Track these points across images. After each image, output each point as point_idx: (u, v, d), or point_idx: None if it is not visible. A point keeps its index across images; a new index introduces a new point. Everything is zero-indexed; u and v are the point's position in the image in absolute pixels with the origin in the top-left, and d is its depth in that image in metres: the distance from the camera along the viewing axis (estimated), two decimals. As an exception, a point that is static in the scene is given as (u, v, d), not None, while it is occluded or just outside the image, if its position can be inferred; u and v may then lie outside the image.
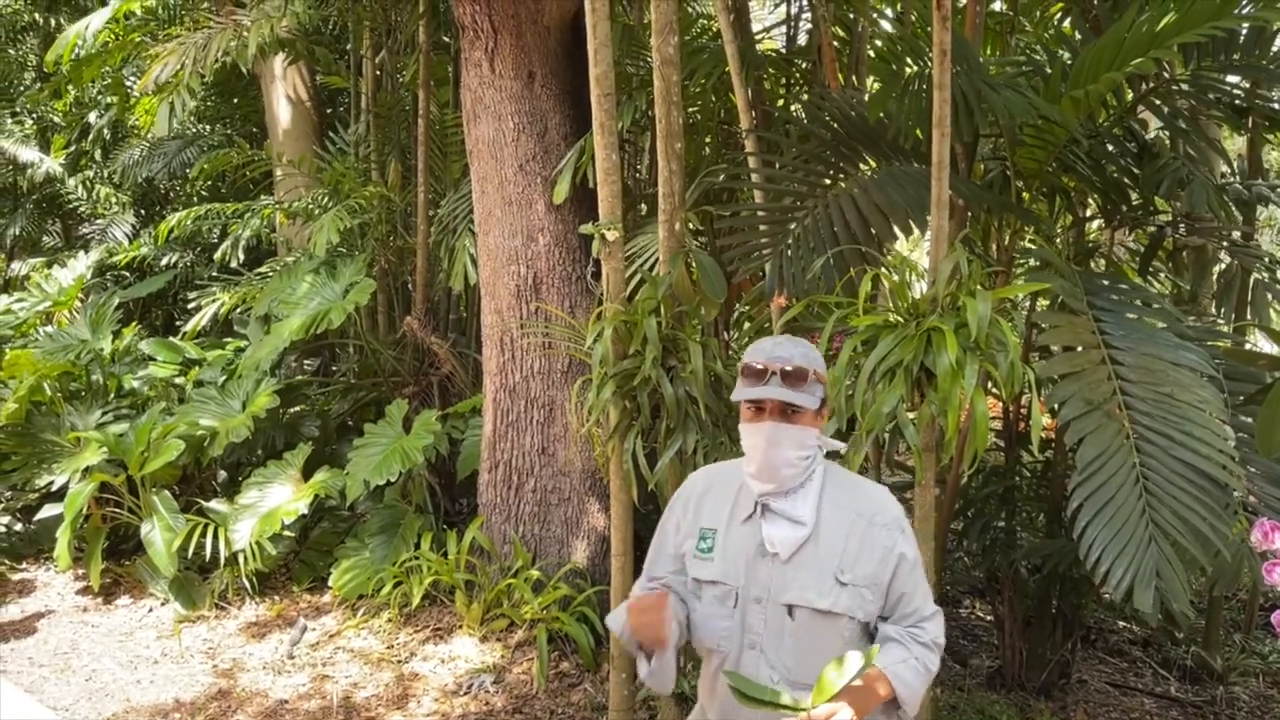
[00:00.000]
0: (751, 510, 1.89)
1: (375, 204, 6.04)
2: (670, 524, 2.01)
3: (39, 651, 4.52)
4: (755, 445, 1.86)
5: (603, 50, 3.03)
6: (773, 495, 1.87)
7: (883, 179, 3.39)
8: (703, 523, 1.94)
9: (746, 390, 1.86)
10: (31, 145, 9.72)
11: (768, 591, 1.85)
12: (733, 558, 1.88)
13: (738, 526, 1.90)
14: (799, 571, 1.85)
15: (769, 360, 1.86)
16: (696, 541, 1.92)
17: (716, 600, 1.88)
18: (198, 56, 5.67)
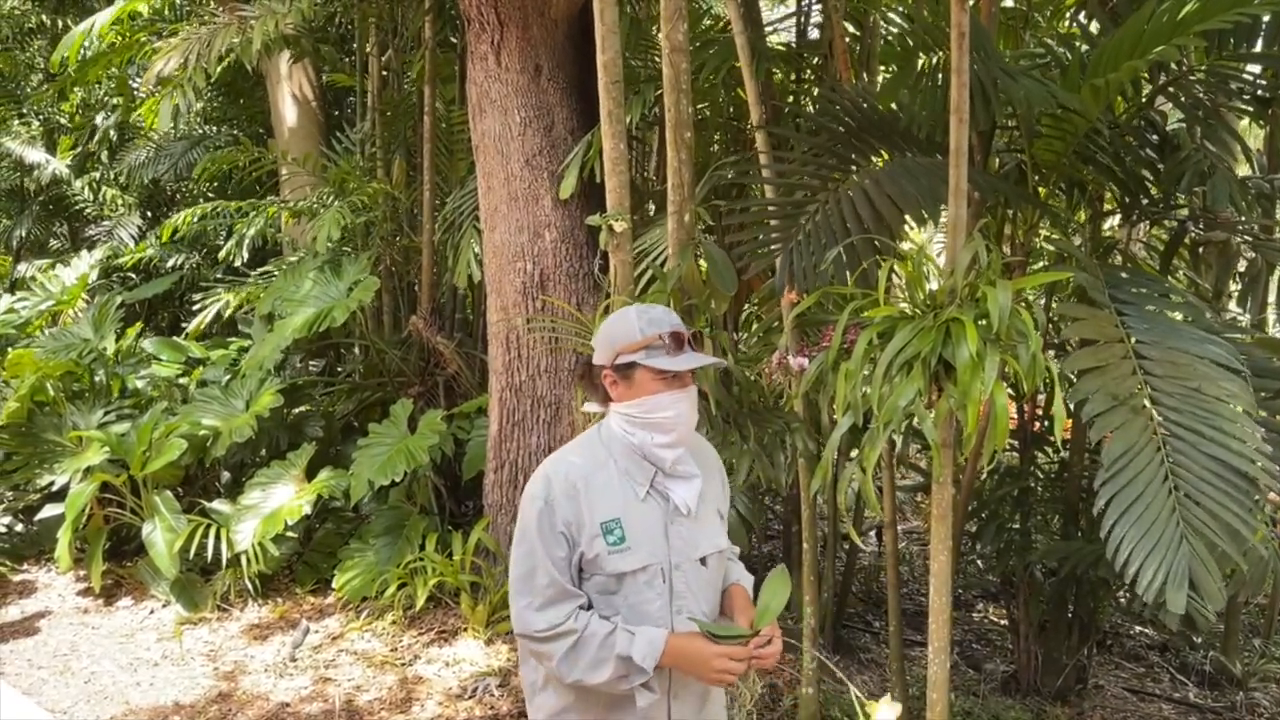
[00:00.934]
0: (649, 485, 1.87)
1: (380, 202, 5.98)
2: (548, 536, 1.80)
3: (38, 653, 4.46)
4: (680, 413, 1.86)
5: (610, 36, 2.96)
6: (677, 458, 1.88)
7: (895, 170, 3.31)
8: (599, 518, 1.82)
9: (682, 360, 1.84)
10: (38, 147, 9.71)
11: (684, 554, 1.88)
12: (648, 537, 1.84)
13: (637, 506, 1.85)
14: (702, 522, 1.91)
15: (676, 327, 1.87)
16: (604, 538, 1.81)
17: (645, 585, 1.84)
18: (201, 52, 5.62)
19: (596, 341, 1.94)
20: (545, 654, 1.81)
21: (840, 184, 3.43)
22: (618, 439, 1.90)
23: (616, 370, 1.87)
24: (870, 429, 2.57)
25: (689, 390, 1.88)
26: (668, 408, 1.84)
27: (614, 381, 1.89)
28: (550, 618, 1.78)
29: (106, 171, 9.61)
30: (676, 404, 1.85)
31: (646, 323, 1.86)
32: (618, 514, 1.82)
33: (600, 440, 1.92)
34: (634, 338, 1.85)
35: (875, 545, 6.58)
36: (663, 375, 1.84)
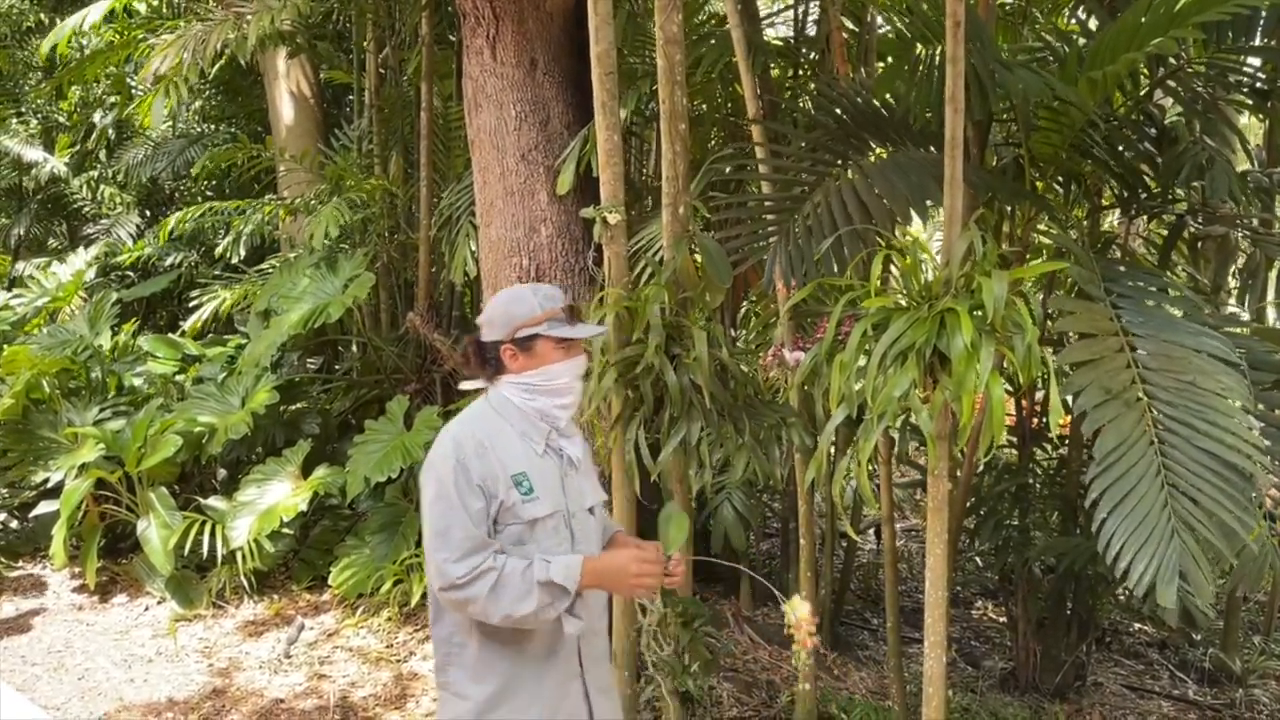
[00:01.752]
0: (545, 443, 2.06)
1: (377, 198, 5.97)
2: (464, 490, 1.91)
3: (32, 650, 4.45)
4: (577, 377, 2.09)
5: (604, 27, 2.95)
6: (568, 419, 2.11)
7: (886, 166, 3.30)
8: (510, 471, 1.97)
9: (579, 330, 2.07)
10: (37, 145, 9.70)
11: (578, 503, 2.09)
12: (551, 487, 2.03)
13: (538, 461, 2.03)
14: (587, 475, 2.16)
15: (568, 299, 2.09)
16: (515, 489, 1.97)
17: (552, 531, 2.01)
18: (197, 49, 5.60)
19: (489, 320, 2.09)
20: (469, 598, 1.87)
21: (834, 179, 3.41)
22: (511, 406, 2.06)
23: (517, 344, 2.03)
24: (865, 421, 2.56)
25: (581, 358, 2.10)
26: (566, 373, 2.05)
27: (514, 355, 2.04)
28: (472, 564, 1.87)
29: (105, 170, 9.60)
30: (573, 369, 2.07)
31: (544, 298, 2.05)
32: (524, 468, 1.99)
33: (492, 409, 2.06)
34: (535, 313, 2.03)
35: (874, 543, 6.57)
36: (562, 344, 2.04)
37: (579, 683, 2.05)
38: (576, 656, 2.04)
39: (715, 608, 4.91)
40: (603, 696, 2.10)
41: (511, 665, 1.98)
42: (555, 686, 2.01)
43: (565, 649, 2.01)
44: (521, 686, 1.98)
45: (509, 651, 1.98)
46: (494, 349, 2.06)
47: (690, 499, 3.25)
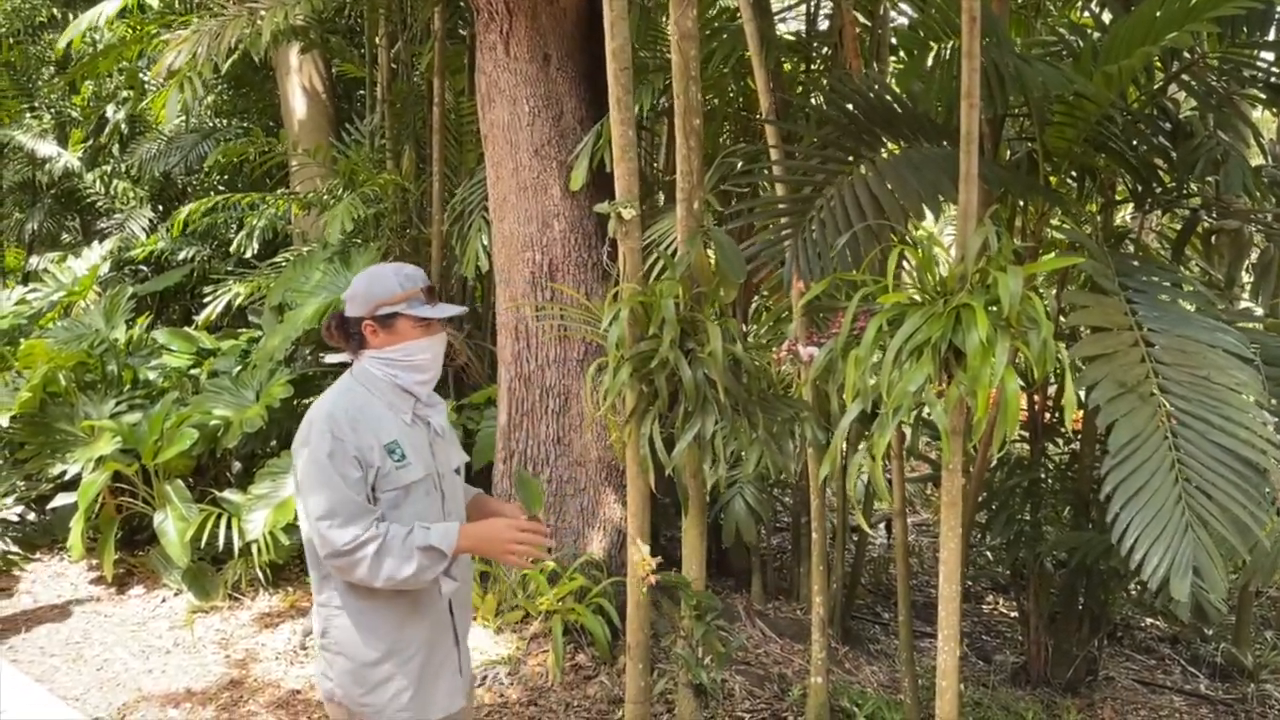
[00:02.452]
0: (411, 413, 2.20)
1: (390, 193, 5.99)
2: (341, 462, 2.04)
3: (50, 641, 4.49)
4: (436, 354, 2.22)
5: (619, 23, 2.96)
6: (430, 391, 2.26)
7: (899, 163, 3.30)
8: (383, 441, 2.11)
9: (438, 309, 2.18)
10: (50, 140, 9.74)
11: (446, 465, 2.26)
12: (420, 453, 2.17)
13: (407, 429, 2.17)
14: (450, 440, 2.32)
15: (429, 282, 2.21)
16: (390, 457, 2.11)
17: (424, 494, 2.17)
18: (211, 44, 5.63)
19: (352, 296, 2.20)
20: (355, 563, 2.01)
21: (848, 175, 3.42)
22: (377, 379, 2.18)
23: (377, 320, 2.16)
24: (880, 416, 2.57)
25: (440, 335, 2.23)
26: (425, 350, 2.19)
27: (374, 331, 2.17)
28: (353, 531, 2.00)
29: (117, 164, 9.63)
30: (432, 347, 2.20)
31: (404, 279, 2.17)
32: (395, 437, 2.13)
33: (358, 383, 2.19)
34: (394, 292, 2.15)
35: (884, 537, 6.58)
36: (421, 323, 2.16)
37: (451, 632, 2.24)
38: (449, 609, 2.22)
39: (726, 601, 4.93)
40: (466, 641, 2.32)
41: (391, 624, 2.13)
42: (431, 639, 2.18)
43: (440, 604, 2.19)
44: (401, 643, 2.14)
45: (388, 611, 2.12)
46: (356, 324, 2.18)
47: (704, 493, 3.27)
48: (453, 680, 2.24)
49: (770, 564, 5.53)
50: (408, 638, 2.15)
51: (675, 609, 3.52)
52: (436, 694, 2.20)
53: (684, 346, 3.08)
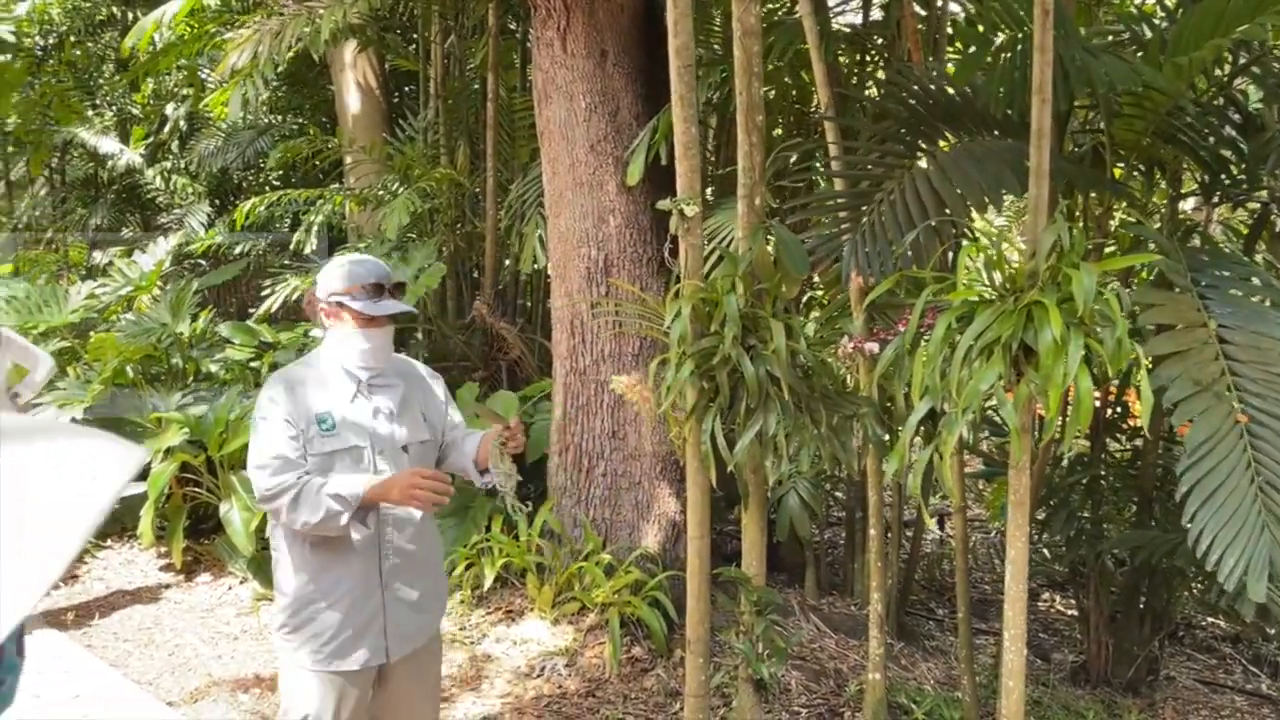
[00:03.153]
0: (354, 393, 2.41)
1: (444, 188, 6.05)
2: (277, 421, 2.31)
3: (123, 626, 4.63)
4: (375, 347, 2.41)
5: (683, 21, 2.96)
6: (375, 376, 2.45)
7: (960, 156, 3.27)
8: (314, 410, 2.35)
9: (380, 305, 2.37)
10: (111, 137, 9.97)
11: (388, 442, 2.42)
12: (354, 427, 2.38)
13: (347, 405, 2.39)
14: (404, 420, 2.47)
15: (378, 279, 2.39)
16: (317, 425, 2.34)
17: (353, 464, 2.36)
18: (272, 44, 5.74)
19: (318, 279, 2.44)
20: (277, 508, 2.27)
21: (906, 170, 3.40)
22: (329, 356, 2.44)
23: (329, 305, 2.39)
24: (948, 414, 2.56)
25: (383, 329, 2.41)
26: (365, 342, 2.39)
27: (328, 313, 2.41)
28: (279, 480, 2.25)
29: (177, 161, 9.84)
30: (371, 339, 2.40)
31: (352, 274, 2.38)
32: (329, 408, 2.36)
33: (321, 355, 2.46)
34: (343, 284, 2.37)
35: (936, 533, 6.53)
36: (362, 316, 2.36)
37: (379, 593, 2.40)
38: (377, 570, 2.40)
39: (781, 596, 4.94)
40: (405, 607, 2.44)
41: (317, 570, 2.37)
42: (355, 591, 2.37)
43: (364, 562, 2.38)
44: (325, 587, 2.36)
45: (316, 558, 2.36)
46: (315, 304, 2.44)
47: (765, 489, 3.28)
48: (376, 640, 2.41)
49: (823, 559, 5.52)
50: (329, 588, 2.37)
51: (730, 603, 3.53)
52: (354, 648, 2.38)
53: (746, 343, 3.09)
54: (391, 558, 2.42)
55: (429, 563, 2.56)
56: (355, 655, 2.38)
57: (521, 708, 3.83)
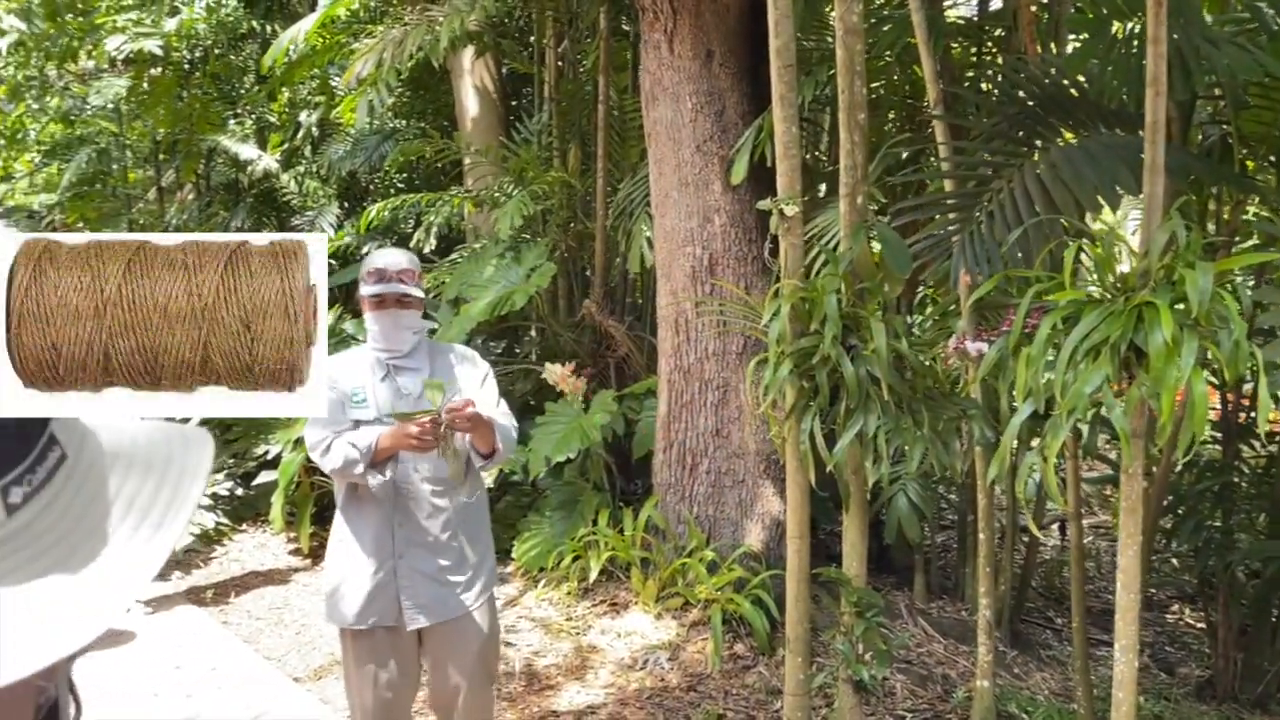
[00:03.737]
0: (384, 373, 2.68)
1: (557, 190, 6.19)
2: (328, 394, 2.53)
3: (256, 606, 4.94)
4: (383, 328, 2.68)
5: (784, 22, 2.97)
6: (396, 358, 2.69)
7: (1073, 153, 3.15)
8: (350, 386, 2.64)
9: (377, 286, 2.63)
10: (251, 143, 10.57)
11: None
12: (381, 403, 2.64)
13: (377, 384, 2.67)
14: (424, 402, 2.59)
15: (386, 264, 2.67)
16: (351, 399, 2.63)
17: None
18: (395, 52, 5.98)
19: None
20: (316, 458, 2.60)
21: (1020, 166, 3.31)
22: (369, 341, 2.74)
23: (361, 296, 2.71)
24: (1053, 417, 2.49)
25: (390, 311, 2.66)
26: (374, 324, 2.69)
27: (362, 304, 2.72)
28: (320, 435, 2.58)
29: (309, 165, 10.35)
30: (380, 321, 2.67)
31: (363, 267, 2.72)
32: (362, 385, 2.66)
33: (366, 345, 2.77)
34: (363, 274, 2.70)
35: (1057, 539, 6.30)
36: (370, 299, 2.66)
37: (391, 560, 2.62)
38: (390, 537, 2.63)
39: (888, 599, 4.87)
40: (421, 577, 2.64)
41: (344, 532, 2.67)
42: (369, 554, 2.62)
43: (379, 528, 2.63)
44: (346, 549, 2.65)
45: (345, 520, 2.68)
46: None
47: (866, 490, 3.25)
48: (385, 606, 2.62)
49: (934, 562, 5.41)
50: (347, 548, 2.66)
51: (835, 604, 3.52)
52: (359, 604, 2.62)
53: (846, 343, 3.08)
54: (405, 528, 2.64)
55: (455, 542, 2.71)
56: (364, 615, 2.61)
57: (625, 699, 3.91)
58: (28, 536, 0.58)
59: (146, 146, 10.87)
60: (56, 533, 0.59)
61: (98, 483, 0.63)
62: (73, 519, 0.60)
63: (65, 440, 0.62)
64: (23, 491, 0.58)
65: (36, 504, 0.58)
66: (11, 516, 0.57)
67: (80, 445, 0.63)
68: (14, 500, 0.57)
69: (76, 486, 0.61)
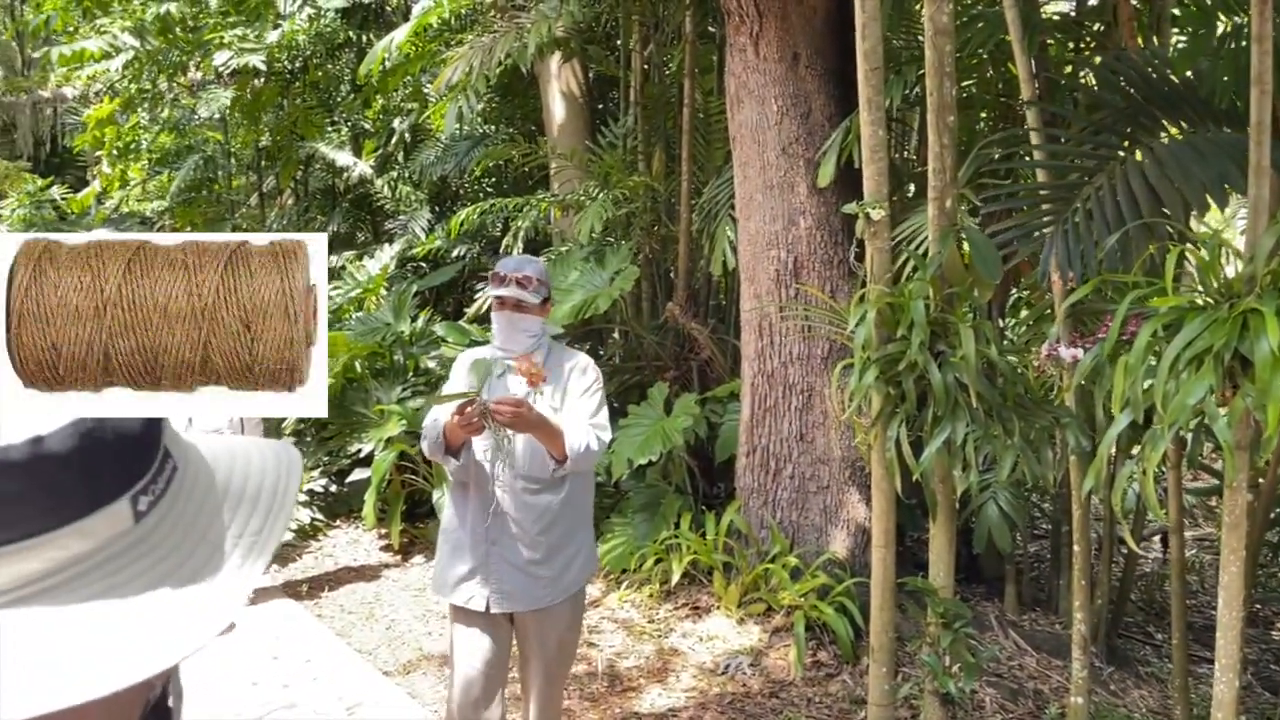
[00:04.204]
0: (500, 371, 2.81)
1: (640, 194, 6.22)
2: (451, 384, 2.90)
3: (349, 600, 5.10)
4: (500, 326, 2.83)
5: (871, 24, 2.93)
6: (511, 358, 2.80)
7: (1180, 149, 3.03)
8: (471, 381, 2.75)
9: (495, 290, 2.79)
10: (346, 150, 10.90)
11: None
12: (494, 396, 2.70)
13: (495, 380, 2.80)
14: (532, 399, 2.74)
15: (507, 271, 2.81)
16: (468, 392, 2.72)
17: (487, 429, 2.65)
18: (484, 59, 6.10)
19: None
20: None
21: (1120, 163, 3.19)
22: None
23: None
24: (1152, 428, 2.40)
25: (506, 313, 2.80)
26: (495, 323, 2.85)
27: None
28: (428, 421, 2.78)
29: (402, 170, 10.63)
30: (499, 321, 2.83)
31: (495, 269, 2.85)
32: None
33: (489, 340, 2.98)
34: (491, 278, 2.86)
35: (1159, 551, 6.05)
36: (495, 300, 2.81)
37: (484, 545, 2.75)
38: (483, 524, 2.75)
39: (977, 610, 4.76)
40: (509, 566, 2.76)
41: (450, 513, 2.86)
42: (464, 535, 2.78)
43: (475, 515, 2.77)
44: (448, 532, 2.85)
45: (454, 500, 2.86)
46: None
47: (954, 499, 3.19)
48: (478, 587, 2.76)
49: (1026, 572, 5.26)
50: (450, 527, 2.84)
51: (921, 612, 3.45)
52: (451, 580, 2.79)
53: (934, 349, 3.02)
54: (499, 518, 2.76)
55: (544, 537, 2.80)
56: (459, 591, 2.78)
57: (706, 703, 3.91)
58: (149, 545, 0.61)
59: (249, 154, 11.31)
60: (172, 541, 0.62)
61: (204, 493, 0.66)
62: (184, 528, 0.63)
63: (175, 452, 0.65)
64: (149, 500, 0.61)
65: (158, 513, 0.61)
66: (139, 524, 0.60)
67: (186, 455, 0.66)
68: (142, 508, 0.60)
69: (187, 496, 0.64)
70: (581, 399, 2.86)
